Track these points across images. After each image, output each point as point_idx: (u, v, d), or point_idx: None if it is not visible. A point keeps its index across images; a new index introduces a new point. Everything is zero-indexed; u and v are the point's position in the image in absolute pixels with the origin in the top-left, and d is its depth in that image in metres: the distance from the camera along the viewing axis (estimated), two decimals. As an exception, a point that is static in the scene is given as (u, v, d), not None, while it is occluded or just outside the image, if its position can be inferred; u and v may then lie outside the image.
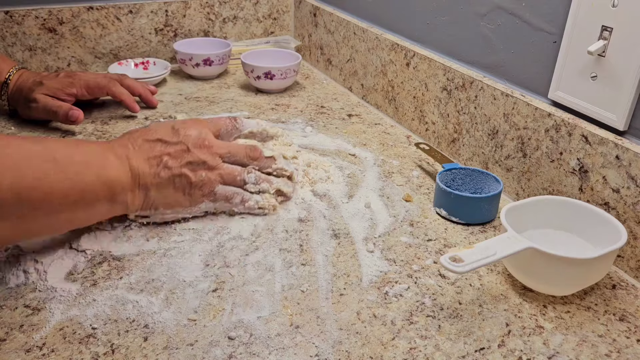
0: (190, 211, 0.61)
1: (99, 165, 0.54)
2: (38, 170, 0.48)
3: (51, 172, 0.49)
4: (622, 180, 0.56)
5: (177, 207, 0.60)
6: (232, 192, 0.62)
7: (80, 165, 0.53)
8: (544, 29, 0.65)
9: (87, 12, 1.06)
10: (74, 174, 0.51)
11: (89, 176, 0.52)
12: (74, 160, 0.53)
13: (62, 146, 0.53)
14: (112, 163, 0.56)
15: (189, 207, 0.61)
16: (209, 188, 0.61)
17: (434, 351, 0.47)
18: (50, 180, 0.49)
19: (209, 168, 0.61)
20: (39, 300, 0.52)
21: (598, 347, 0.48)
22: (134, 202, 0.58)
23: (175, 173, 0.59)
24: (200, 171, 0.60)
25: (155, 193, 0.58)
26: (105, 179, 0.54)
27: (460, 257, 0.49)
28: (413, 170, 0.77)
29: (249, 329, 0.49)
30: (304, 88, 1.07)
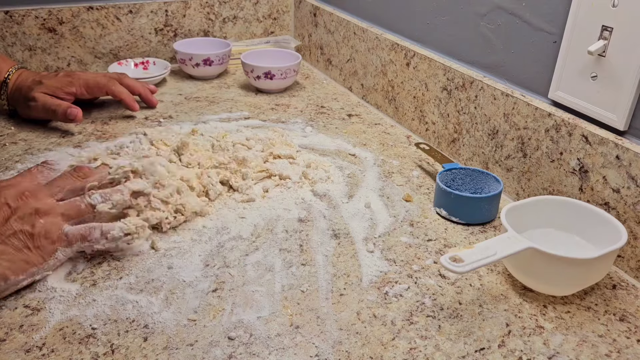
0: (48, 266, 0.53)
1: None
2: None
3: None
4: (623, 180, 0.56)
5: (30, 268, 0.52)
6: (87, 228, 0.55)
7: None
8: (544, 29, 0.65)
9: (87, 12, 1.06)
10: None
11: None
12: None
13: None
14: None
15: (44, 263, 0.53)
16: (56, 232, 0.54)
17: (434, 351, 0.47)
18: None
19: (45, 213, 0.54)
20: (39, 300, 0.52)
21: (598, 347, 0.48)
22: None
23: (8, 234, 0.52)
24: (37, 220, 0.53)
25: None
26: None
27: (460, 257, 0.49)
28: (413, 170, 0.77)
29: (249, 329, 0.49)
30: (304, 88, 1.07)
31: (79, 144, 0.81)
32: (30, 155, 0.78)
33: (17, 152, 0.78)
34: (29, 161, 0.76)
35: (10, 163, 0.75)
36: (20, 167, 0.74)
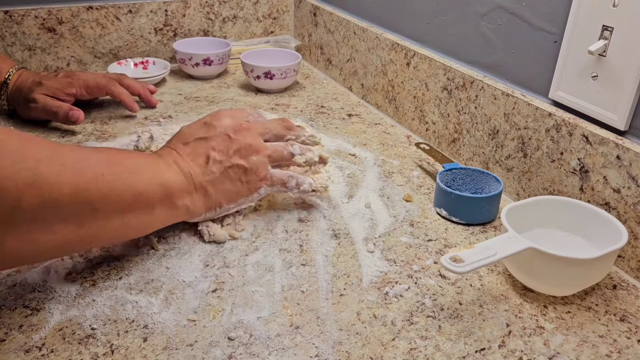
0: (252, 199, 0.61)
1: (152, 169, 0.54)
2: (93, 171, 0.48)
3: (105, 173, 0.49)
4: (623, 180, 0.56)
5: (239, 199, 0.60)
6: (287, 176, 0.62)
7: (133, 167, 0.52)
8: (544, 28, 0.65)
9: (86, 12, 1.06)
10: (127, 175, 0.51)
11: (143, 178, 0.52)
12: (126, 163, 0.52)
13: (113, 151, 0.53)
14: (163, 168, 0.55)
15: (250, 195, 0.60)
16: (264, 171, 0.60)
17: (434, 352, 0.47)
18: (105, 180, 0.48)
19: (257, 151, 0.60)
20: (38, 300, 0.52)
21: (599, 347, 0.48)
22: (195, 205, 0.56)
23: (227, 165, 0.58)
24: (250, 156, 0.59)
25: (213, 190, 0.57)
26: (159, 182, 0.53)
27: (460, 257, 0.49)
28: (413, 170, 0.77)
29: (248, 330, 0.49)
30: (304, 88, 1.07)
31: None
32: (30, 155, 0.77)
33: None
34: (29, 161, 0.76)
35: (9, 163, 0.75)
36: (19, 167, 0.74)
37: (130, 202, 0.50)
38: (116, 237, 0.53)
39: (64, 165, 0.46)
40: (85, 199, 0.47)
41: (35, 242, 0.45)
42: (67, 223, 0.46)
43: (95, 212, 0.48)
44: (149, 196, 0.52)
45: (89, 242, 0.50)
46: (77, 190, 0.46)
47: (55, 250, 0.48)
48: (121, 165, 0.51)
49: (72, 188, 0.46)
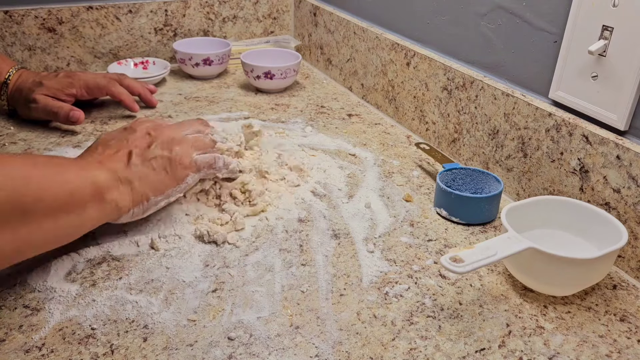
0: (180, 189, 0.61)
1: (78, 168, 0.54)
2: (22, 174, 0.48)
3: (34, 175, 0.49)
4: (623, 181, 0.56)
5: (166, 190, 0.59)
6: (212, 157, 0.63)
7: (60, 167, 0.53)
8: (544, 28, 0.65)
9: (86, 12, 1.06)
10: (56, 176, 0.51)
11: (72, 177, 0.52)
12: (53, 163, 0.53)
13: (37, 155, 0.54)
14: (89, 166, 0.56)
15: (177, 185, 0.60)
16: (188, 159, 0.61)
17: (434, 352, 0.47)
18: (36, 182, 0.48)
19: (179, 142, 0.62)
20: (38, 300, 0.52)
21: (599, 347, 0.48)
22: (123, 199, 0.56)
23: (150, 157, 0.59)
24: (173, 147, 0.61)
25: (139, 183, 0.57)
26: (87, 178, 0.53)
27: (460, 257, 0.49)
28: (413, 170, 0.77)
29: (248, 330, 0.49)
30: (304, 88, 1.07)
31: (78, 144, 0.81)
32: (30, 155, 0.78)
33: (17, 152, 0.78)
34: (29, 161, 0.76)
35: (9, 163, 0.75)
36: (19, 167, 0.74)
37: (61, 202, 0.50)
38: (48, 241, 0.51)
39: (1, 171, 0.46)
40: (18, 203, 0.46)
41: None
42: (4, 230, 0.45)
43: (27, 216, 0.47)
44: (79, 193, 0.52)
45: (21, 249, 0.48)
46: (10, 194, 0.45)
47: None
48: (48, 166, 0.51)
49: (4, 192, 0.45)
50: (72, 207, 0.51)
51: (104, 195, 0.54)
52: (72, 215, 0.51)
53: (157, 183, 0.59)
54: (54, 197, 0.49)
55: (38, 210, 0.48)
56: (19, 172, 0.48)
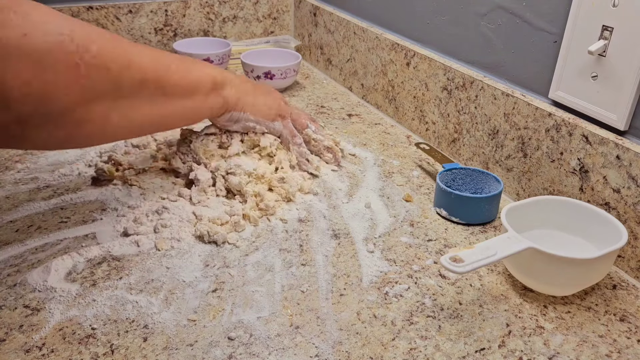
0: (267, 126, 0.72)
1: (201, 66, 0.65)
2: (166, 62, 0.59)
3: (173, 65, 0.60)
4: (623, 180, 0.56)
5: (259, 115, 0.71)
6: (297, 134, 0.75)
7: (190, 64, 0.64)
8: (544, 28, 0.65)
9: (86, 12, 1.06)
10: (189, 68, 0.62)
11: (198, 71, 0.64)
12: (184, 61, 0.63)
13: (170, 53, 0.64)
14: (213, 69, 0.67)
15: (266, 121, 0.72)
16: (286, 112, 0.74)
17: (434, 351, 0.47)
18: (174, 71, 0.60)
19: (286, 103, 0.76)
20: (39, 300, 0.52)
21: (598, 347, 0.48)
22: (230, 97, 0.67)
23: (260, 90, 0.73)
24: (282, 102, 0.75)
25: (244, 97, 0.69)
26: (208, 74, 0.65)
27: (460, 257, 0.49)
28: (413, 170, 0.77)
29: (248, 329, 0.49)
30: (304, 88, 1.07)
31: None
32: (30, 155, 0.78)
33: (17, 152, 0.78)
34: (29, 161, 0.76)
35: (10, 163, 0.75)
36: (20, 167, 0.74)
37: (193, 88, 0.62)
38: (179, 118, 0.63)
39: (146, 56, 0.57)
40: (161, 84, 0.58)
41: (130, 118, 0.56)
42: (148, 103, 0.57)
43: (167, 96, 0.59)
44: (205, 85, 0.64)
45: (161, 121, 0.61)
46: (156, 76, 0.57)
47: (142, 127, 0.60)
48: (181, 60, 0.63)
49: (153, 74, 0.57)
50: (199, 92, 0.63)
51: (220, 90, 0.66)
52: (198, 98, 0.63)
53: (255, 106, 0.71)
54: (187, 84, 0.62)
55: (176, 92, 0.60)
56: (164, 60, 0.59)
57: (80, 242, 0.60)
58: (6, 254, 0.58)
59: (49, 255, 0.58)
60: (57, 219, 0.64)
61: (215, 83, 0.65)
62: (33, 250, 0.58)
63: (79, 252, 0.58)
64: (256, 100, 0.71)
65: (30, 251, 0.58)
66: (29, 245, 0.59)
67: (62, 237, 0.61)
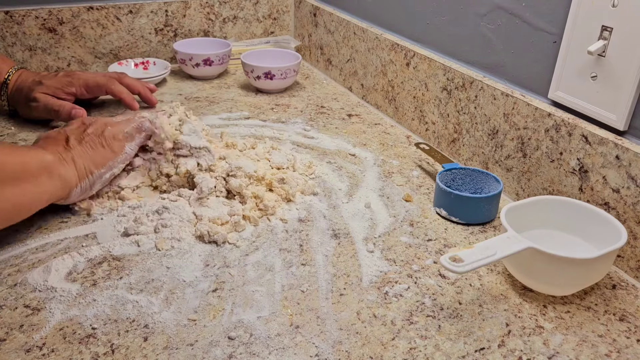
0: (120, 159, 0.67)
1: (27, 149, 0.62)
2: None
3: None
4: (622, 180, 0.56)
5: (107, 162, 0.65)
6: (139, 121, 0.69)
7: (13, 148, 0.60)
8: (544, 29, 0.65)
9: (87, 12, 1.06)
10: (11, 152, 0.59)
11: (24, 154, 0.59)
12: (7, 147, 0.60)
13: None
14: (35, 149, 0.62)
15: (116, 156, 0.66)
16: (121, 133, 0.67)
17: (434, 351, 0.47)
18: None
19: (111, 124, 0.68)
20: (39, 300, 0.52)
21: (598, 347, 0.48)
22: (69, 175, 0.61)
23: (86, 138, 0.65)
24: (106, 128, 0.67)
25: (80, 160, 0.63)
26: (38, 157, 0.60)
27: (460, 257, 0.49)
28: (413, 170, 0.77)
29: (249, 329, 0.49)
30: (304, 88, 1.07)
31: None
32: (31, 155, 0.78)
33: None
34: (29, 161, 0.76)
35: (10, 163, 0.75)
36: (20, 167, 0.74)
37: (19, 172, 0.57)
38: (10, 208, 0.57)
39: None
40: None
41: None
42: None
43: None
44: (33, 167, 0.59)
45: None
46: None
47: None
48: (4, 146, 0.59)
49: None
50: (28, 177, 0.58)
51: (52, 171, 0.60)
52: (28, 184, 0.58)
53: (97, 157, 0.65)
54: (12, 168, 0.57)
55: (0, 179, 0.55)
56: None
57: (80, 242, 0.60)
58: (6, 253, 0.58)
59: (49, 255, 0.58)
60: (58, 219, 0.64)
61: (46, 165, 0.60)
62: (33, 250, 0.59)
63: (79, 252, 0.58)
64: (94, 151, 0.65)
65: (31, 251, 0.58)
66: (30, 245, 0.59)
67: (62, 237, 0.61)
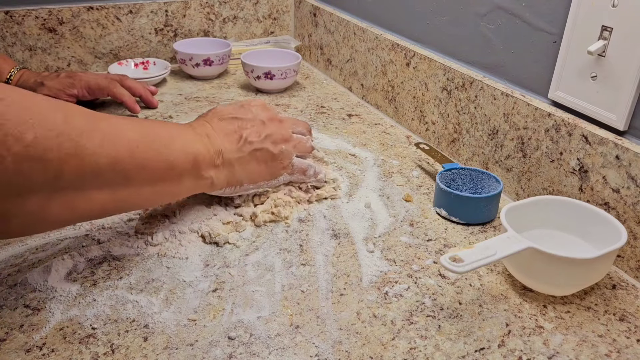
0: (272, 184, 0.64)
1: (183, 140, 0.56)
2: (129, 143, 0.50)
3: (141, 145, 0.51)
4: (622, 180, 0.56)
5: (260, 181, 0.63)
6: (307, 165, 0.66)
7: (166, 140, 0.54)
8: (544, 29, 0.65)
9: (87, 12, 1.06)
10: (161, 147, 0.53)
11: (174, 149, 0.54)
12: (160, 135, 0.54)
13: (147, 123, 0.55)
14: (194, 139, 0.57)
15: (270, 180, 0.64)
16: (288, 160, 0.64)
17: (434, 351, 0.47)
18: (140, 151, 0.51)
19: (285, 140, 0.64)
20: (39, 300, 0.52)
21: (598, 347, 0.48)
22: (219, 178, 0.59)
23: (257, 147, 0.61)
24: (279, 144, 0.63)
25: (239, 168, 0.60)
26: (189, 153, 0.55)
27: (460, 257, 0.49)
28: (413, 170, 0.77)
29: (249, 329, 0.49)
30: (304, 88, 1.07)
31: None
32: (31, 155, 0.78)
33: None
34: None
35: (10, 163, 0.75)
36: (20, 167, 0.74)
37: (161, 172, 0.53)
38: (146, 203, 0.56)
39: (103, 138, 0.48)
40: (121, 169, 0.49)
41: (75, 209, 0.47)
42: (103, 191, 0.48)
43: (129, 181, 0.50)
44: (179, 167, 0.54)
45: (121, 207, 0.52)
46: (114, 161, 0.48)
47: (92, 215, 0.50)
48: (155, 136, 0.53)
49: (109, 159, 0.48)
50: (170, 177, 0.54)
51: (202, 172, 0.57)
52: (169, 183, 0.54)
53: (254, 173, 0.62)
54: (155, 167, 0.52)
55: (139, 177, 0.51)
56: (127, 141, 0.50)
57: (80, 241, 0.60)
58: (6, 253, 0.58)
59: (49, 255, 0.58)
60: (58, 219, 0.64)
61: (196, 163, 0.56)
62: (33, 250, 0.59)
63: (79, 251, 0.58)
64: (257, 167, 0.62)
65: (31, 251, 0.58)
66: (30, 245, 0.59)
67: (62, 236, 0.61)
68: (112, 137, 0.48)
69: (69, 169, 0.45)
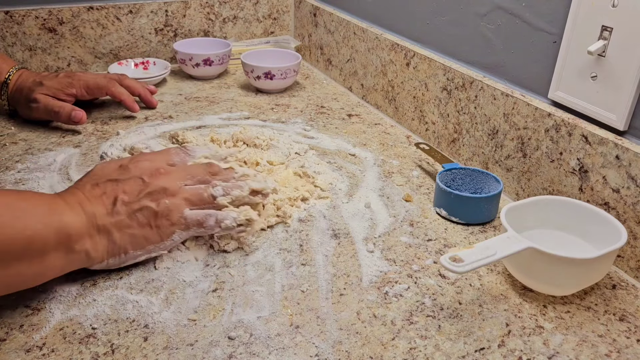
0: (164, 246, 0.55)
1: (46, 211, 0.49)
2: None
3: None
4: (622, 180, 0.56)
5: (148, 245, 0.54)
6: (204, 215, 0.56)
7: (21, 211, 0.47)
8: (544, 29, 0.65)
9: (87, 12, 1.06)
10: (15, 219, 0.46)
11: (33, 222, 0.47)
12: (15, 207, 0.47)
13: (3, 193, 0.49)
14: (62, 209, 0.50)
15: (161, 242, 0.55)
16: (177, 214, 0.55)
17: (434, 351, 0.47)
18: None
19: (171, 194, 0.55)
20: (39, 300, 0.52)
21: (598, 347, 0.48)
22: (96, 250, 0.51)
23: (135, 208, 0.53)
24: (162, 199, 0.54)
25: (119, 235, 0.52)
26: (54, 225, 0.48)
27: (460, 257, 0.49)
28: (413, 170, 0.77)
29: (249, 329, 0.49)
30: (304, 88, 1.07)
31: (79, 144, 0.81)
32: (31, 155, 0.78)
33: (18, 152, 0.78)
34: (29, 161, 0.76)
35: (10, 163, 0.75)
36: (20, 167, 0.74)
37: (18, 250, 0.45)
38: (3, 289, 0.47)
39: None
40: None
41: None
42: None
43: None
44: (40, 243, 0.47)
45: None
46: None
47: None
48: (9, 208, 0.46)
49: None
50: (29, 256, 0.46)
51: (73, 244, 0.50)
52: (28, 264, 0.46)
53: (138, 237, 0.53)
54: (8, 244, 0.45)
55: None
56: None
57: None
58: (7, 253, 0.58)
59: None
60: (58, 219, 0.64)
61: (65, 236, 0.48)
62: (33, 250, 0.59)
63: (79, 252, 0.58)
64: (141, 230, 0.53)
65: (31, 251, 0.58)
66: (30, 245, 0.59)
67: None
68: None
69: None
